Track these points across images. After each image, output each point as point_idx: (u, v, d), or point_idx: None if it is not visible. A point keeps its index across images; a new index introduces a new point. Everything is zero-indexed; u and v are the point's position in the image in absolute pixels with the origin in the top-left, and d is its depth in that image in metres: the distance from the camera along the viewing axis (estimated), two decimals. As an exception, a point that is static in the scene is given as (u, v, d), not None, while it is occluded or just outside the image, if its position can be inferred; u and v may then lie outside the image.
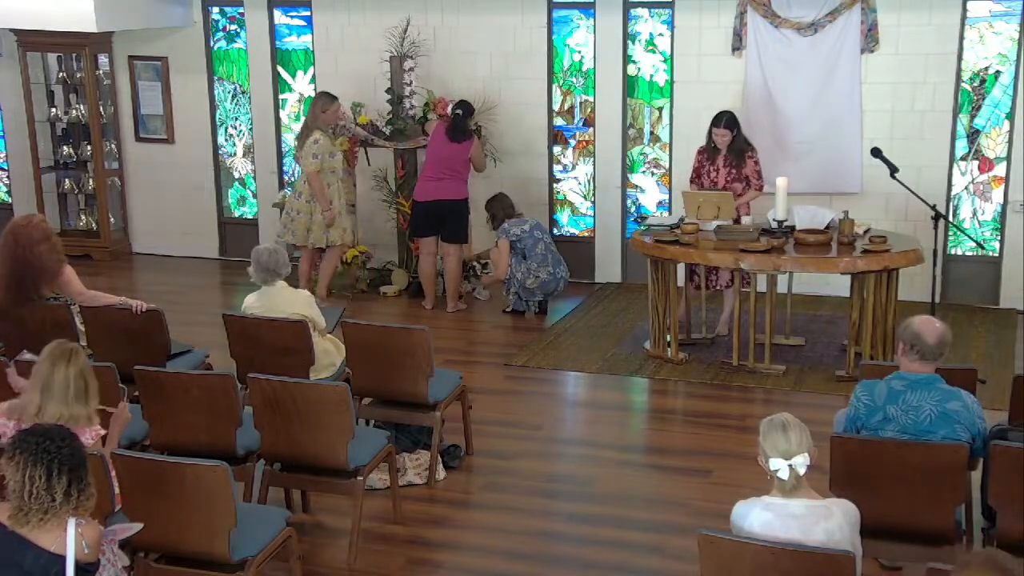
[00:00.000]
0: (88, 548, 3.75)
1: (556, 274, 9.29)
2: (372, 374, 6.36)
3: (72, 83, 11.14)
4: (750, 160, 8.36)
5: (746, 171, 8.35)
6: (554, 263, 9.27)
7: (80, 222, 11.51)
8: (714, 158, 8.40)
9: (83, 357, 4.74)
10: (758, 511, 4.02)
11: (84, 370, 4.68)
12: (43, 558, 3.69)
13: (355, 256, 10.03)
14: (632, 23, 9.95)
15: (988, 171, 9.37)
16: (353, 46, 10.45)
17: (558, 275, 9.31)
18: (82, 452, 3.83)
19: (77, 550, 3.71)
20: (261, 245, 6.77)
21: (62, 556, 3.70)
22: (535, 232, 9.30)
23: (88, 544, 3.75)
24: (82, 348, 4.91)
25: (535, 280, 9.20)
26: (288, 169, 11.09)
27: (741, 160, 8.34)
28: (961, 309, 9.19)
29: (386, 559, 5.59)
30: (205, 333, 7.71)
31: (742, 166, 8.34)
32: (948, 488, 4.67)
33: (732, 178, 8.35)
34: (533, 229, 9.31)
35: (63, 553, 3.70)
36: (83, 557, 3.74)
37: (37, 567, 3.69)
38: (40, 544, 3.70)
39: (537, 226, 9.38)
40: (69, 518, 3.73)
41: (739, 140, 8.34)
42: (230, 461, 4.93)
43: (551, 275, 9.26)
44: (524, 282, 9.22)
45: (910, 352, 4.78)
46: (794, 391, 7.64)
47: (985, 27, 9.18)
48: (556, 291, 9.40)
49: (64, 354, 4.67)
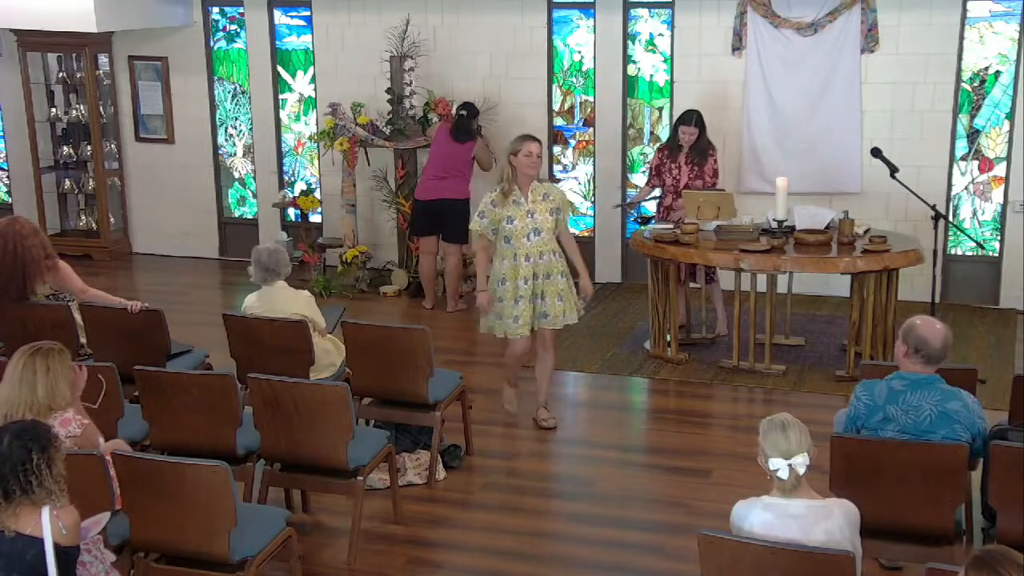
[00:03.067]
0: (66, 530, 3.78)
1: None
2: (372, 374, 6.36)
3: (72, 83, 11.14)
4: (711, 159, 8.45)
5: (706, 169, 8.42)
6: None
7: (80, 222, 11.52)
8: (675, 156, 8.45)
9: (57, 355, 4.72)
10: (758, 511, 4.02)
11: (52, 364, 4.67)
12: (19, 542, 3.72)
13: (355, 256, 10.03)
14: (632, 23, 9.95)
15: (988, 171, 9.37)
16: (353, 46, 10.45)
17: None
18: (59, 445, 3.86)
19: (54, 531, 3.73)
20: (261, 245, 6.78)
21: (38, 539, 3.72)
22: None
23: (66, 526, 3.78)
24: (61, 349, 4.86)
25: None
26: (288, 169, 11.10)
27: (703, 159, 8.41)
28: (961, 309, 9.19)
29: (386, 559, 5.59)
30: (205, 333, 7.70)
31: (703, 165, 8.40)
32: (948, 488, 4.66)
33: (694, 176, 8.41)
34: None
35: (39, 536, 3.72)
36: (62, 539, 3.76)
37: (13, 550, 3.72)
38: (15, 528, 3.74)
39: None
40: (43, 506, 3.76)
41: (703, 139, 8.41)
42: (230, 461, 4.93)
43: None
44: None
45: (915, 356, 4.77)
46: (794, 391, 7.64)
47: (985, 27, 9.18)
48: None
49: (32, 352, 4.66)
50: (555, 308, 6.81)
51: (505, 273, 6.76)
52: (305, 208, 10.33)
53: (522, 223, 6.69)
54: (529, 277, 6.72)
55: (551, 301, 6.78)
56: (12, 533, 3.75)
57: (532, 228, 6.70)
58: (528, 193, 6.73)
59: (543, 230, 6.73)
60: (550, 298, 6.78)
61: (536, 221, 6.72)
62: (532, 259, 6.72)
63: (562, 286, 6.82)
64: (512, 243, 6.70)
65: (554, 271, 6.78)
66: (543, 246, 6.73)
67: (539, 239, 6.72)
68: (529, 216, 6.70)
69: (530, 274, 6.72)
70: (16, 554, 3.72)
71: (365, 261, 10.13)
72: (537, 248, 6.72)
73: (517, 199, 6.70)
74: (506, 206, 6.69)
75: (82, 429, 4.69)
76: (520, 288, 6.73)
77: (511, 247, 6.71)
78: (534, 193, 6.76)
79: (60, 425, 4.62)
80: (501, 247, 6.77)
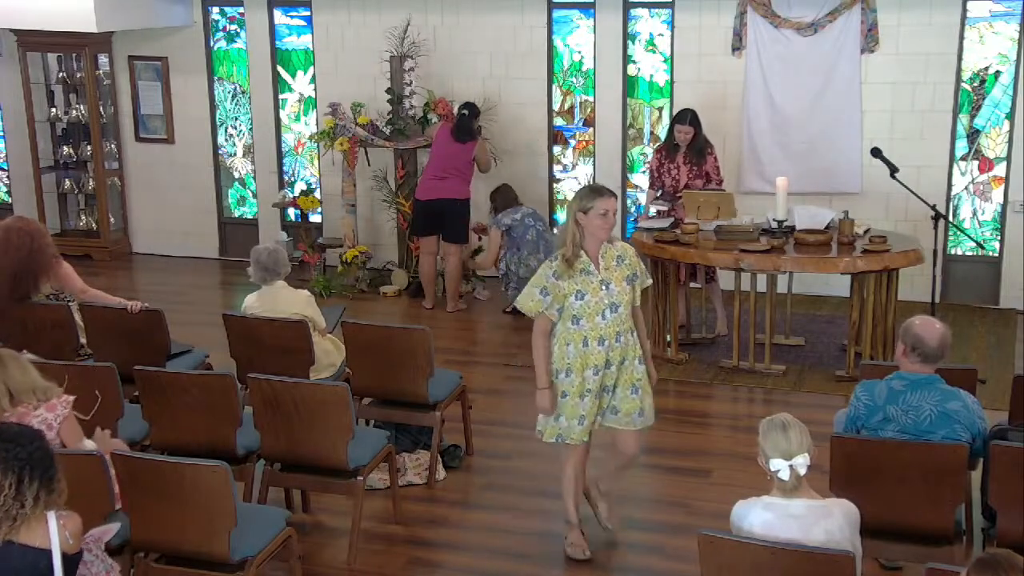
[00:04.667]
0: (72, 539, 3.76)
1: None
2: (372, 374, 6.36)
3: (72, 83, 11.14)
4: (710, 157, 8.45)
5: (706, 167, 8.43)
6: (546, 250, 9.10)
7: (80, 222, 11.52)
8: (673, 156, 8.46)
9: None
10: (758, 511, 4.03)
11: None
12: (29, 555, 3.69)
13: (355, 256, 10.03)
14: (632, 23, 9.95)
15: (988, 171, 9.37)
16: (353, 46, 10.45)
17: None
18: (49, 451, 3.79)
19: (62, 542, 3.71)
20: (261, 245, 6.78)
21: (47, 550, 3.70)
22: (527, 220, 9.22)
23: (71, 535, 3.76)
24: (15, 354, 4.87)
25: (527, 269, 9.13)
26: (288, 169, 11.10)
27: (701, 158, 8.42)
28: (961, 309, 9.19)
29: (386, 559, 5.59)
30: (205, 333, 7.70)
31: (702, 164, 8.42)
32: (948, 488, 4.67)
33: (693, 175, 8.41)
34: (525, 217, 9.23)
35: (47, 547, 3.70)
36: (67, 548, 3.74)
37: (24, 564, 3.69)
38: (23, 542, 3.69)
39: (531, 214, 9.29)
40: (48, 512, 3.73)
41: (700, 138, 8.41)
42: (230, 461, 4.93)
43: (541, 263, 9.13)
44: (518, 272, 9.17)
45: (912, 355, 4.78)
46: (794, 391, 7.64)
47: (985, 27, 9.18)
48: None
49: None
50: (628, 403, 5.40)
51: (571, 363, 5.29)
52: (305, 208, 10.34)
53: (595, 298, 5.24)
54: (600, 365, 5.29)
55: (623, 393, 5.39)
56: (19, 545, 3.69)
57: (608, 304, 5.25)
58: (599, 259, 5.32)
59: (620, 304, 5.28)
60: (622, 389, 5.38)
61: (612, 294, 5.26)
62: (607, 342, 5.27)
63: (639, 374, 5.41)
64: (582, 324, 5.25)
65: (630, 355, 5.36)
66: (620, 325, 5.28)
67: (615, 316, 5.27)
68: (604, 288, 5.26)
69: (602, 361, 5.29)
70: (28, 567, 3.68)
71: (365, 261, 10.13)
72: (613, 328, 5.27)
73: (586, 268, 5.27)
74: (573, 278, 5.23)
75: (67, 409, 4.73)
76: (589, 380, 5.31)
77: (579, 329, 5.26)
78: (605, 258, 5.32)
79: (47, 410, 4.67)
80: (566, 330, 5.29)
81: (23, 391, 4.65)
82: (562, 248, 5.30)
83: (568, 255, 5.25)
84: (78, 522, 3.83)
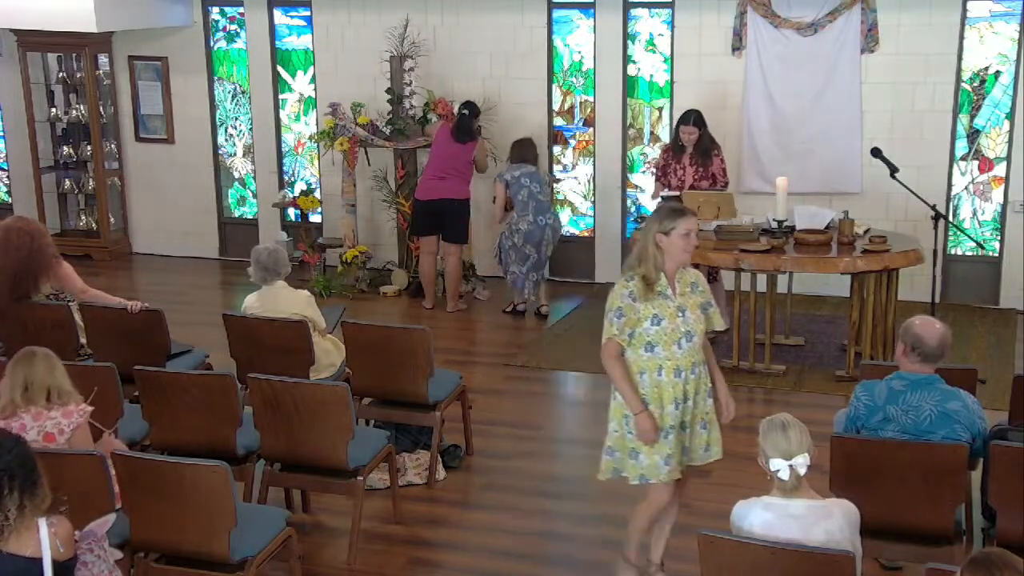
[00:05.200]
0: (63, 546, 3.71)
1: (540, 222, 9.06)
2: (372, 374, 6.36)
3: (72, 83, 11.14)
4: (716, 158, 8.46)
5: (712, 169, 8.43)
6: (535, 211, 9.02)
7: (80, 222, 11.52)
8: (680, 157, 8.47)
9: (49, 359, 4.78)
10: (758, 511, 4.03)
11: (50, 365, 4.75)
12: (20, 564, 3.63)
13: (355, 256, 10.03)
14: (632, 23, 9.95)
15: (988, 171, 9.37)
16: (353, 46, 10.45)
17: (542, 223, 9.06)
18: (30, 456, 3.72)
19: (52, 549, 3.67)
20: (261, 245, 6.78)
21: (38, 559, 3.65)
22: (523, 179, 9.07)
23: (62, 542, 3.71)
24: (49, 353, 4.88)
25: (519, 235, 9.07)
26: (288, 169, 11.10)
27: (707, 159, 8.42)
28: (961, 309, 9.19)
29: (386, 559, 5.59)
30: (205, 333, 7.70)
31: (708, 164, 8.42)
32: (948, 488, 4.67)
33: (699, 176, 8.41)
34: (522, 176, 9.08)
35: (39, 555, 3.65)
36: (59, 556, 3.70)
37: (15, 574, 3.63)
38: (12, 551, 3.63)
39: (529, 175, 9.10)
40: (39, 519, 3.68)
41: (705, 138, 8.42)
42: (230, 461, 4.93)
43: (532, 224, 9.04)
44: (513, 239, 9.10)
45: (911, 354, 4.78)
46: (794, 391, 7.64)
47: (985, 27, 9.18)
48: (545, 241, 9.12)
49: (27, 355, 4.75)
50: (699, 439, 5.01)
51: (647, 393, 4.85)
52: (305, 208, 10.33)
53: (672, 324, 4.82)
54: (680, 399, 4.86)
55: (694, 430, 4.98)
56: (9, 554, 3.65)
57: (684, 331, 4.84)
58: (675, 283, 4.90)
59: (695, 334, 4.87)
60: (693, 426, 4.98)
61: (688, 321, 4.85)
62: (684, 373, 4.85)
63: (708, 409, 5.02)
64: (657, 351, 4.82)
65: (702, 389, 4.96)
66: (695, 355, 4.88)
67: (691, 346, 4.85)
68: (680, 315, 4.85)
69: (680, 395, 4.86)
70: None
71: (365, 261, 10.13)
72: (688, 359, 4.85)
73: (664, 291, 4.84)
74: (650, 300, 4.80)
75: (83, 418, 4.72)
76: (670, 415, 4.87)
77: (655, 357, 4.82)
78: (681, 283, 4.91)
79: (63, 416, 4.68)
80: (639, 358, 4.85)
81: (39, 388, 4.65)
82: (638, 268, 4.85)
83: (649, 276, 4.80)
84: (69, 528, 3.78)
